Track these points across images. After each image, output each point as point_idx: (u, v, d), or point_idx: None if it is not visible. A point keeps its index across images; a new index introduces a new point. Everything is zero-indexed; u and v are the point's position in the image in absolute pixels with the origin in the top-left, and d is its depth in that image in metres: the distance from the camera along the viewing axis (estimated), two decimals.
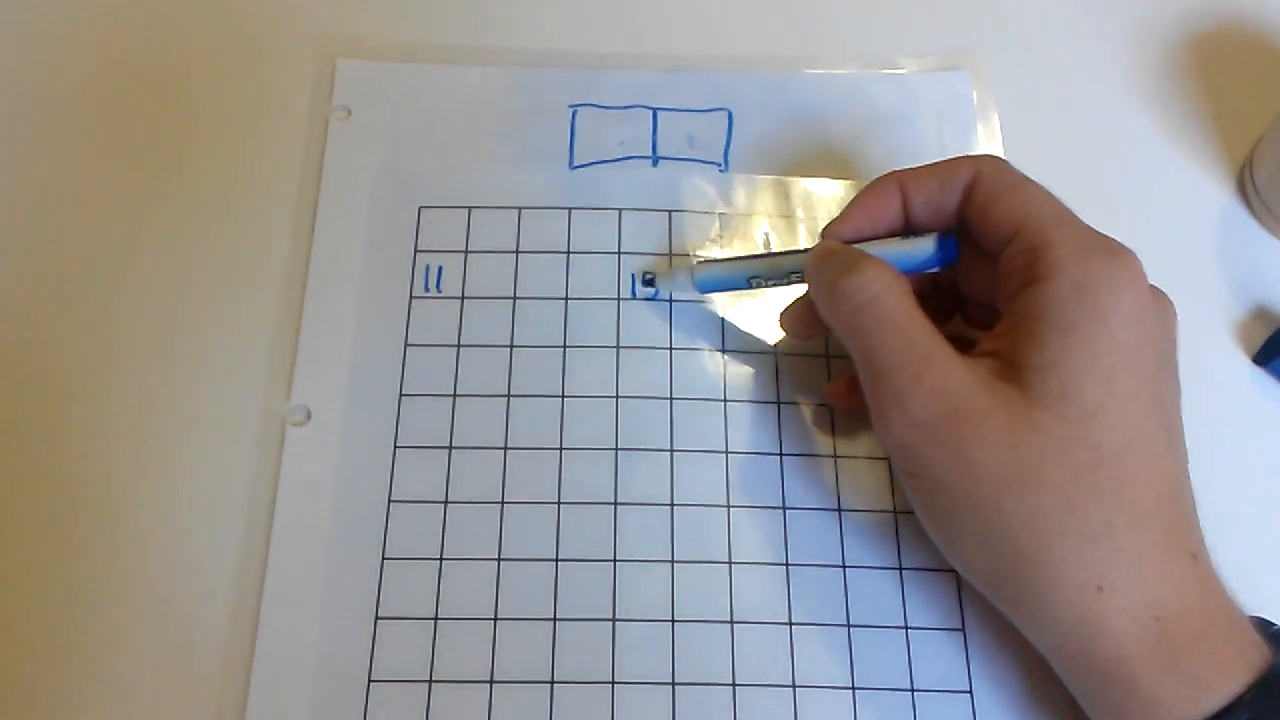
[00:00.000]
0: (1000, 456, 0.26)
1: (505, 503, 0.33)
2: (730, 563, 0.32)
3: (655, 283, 0.36)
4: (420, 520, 0.33)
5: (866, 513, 0.33)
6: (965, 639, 0.32)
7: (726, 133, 0.39)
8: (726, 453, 0.34)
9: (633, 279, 0.36)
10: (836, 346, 0.36)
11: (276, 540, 0.32)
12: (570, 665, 0.31)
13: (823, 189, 0.38)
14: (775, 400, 0.35)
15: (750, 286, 0.33)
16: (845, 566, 0.32)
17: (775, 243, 0.37)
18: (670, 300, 0.36)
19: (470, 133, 0.39)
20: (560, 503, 0.33)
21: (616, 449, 0.34)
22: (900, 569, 0.32)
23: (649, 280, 0.36)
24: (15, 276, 0.36)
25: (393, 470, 0.33)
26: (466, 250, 0.37)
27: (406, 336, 0.35)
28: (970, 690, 0.31)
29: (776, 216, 0.38)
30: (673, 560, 0.32)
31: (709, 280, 0.34)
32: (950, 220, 0.30)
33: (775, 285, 0.33)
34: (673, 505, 0.33)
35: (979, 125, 0.39)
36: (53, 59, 0.40)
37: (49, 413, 0.34)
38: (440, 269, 0.36)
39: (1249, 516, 0.33)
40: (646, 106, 0.39)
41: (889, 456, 0.33)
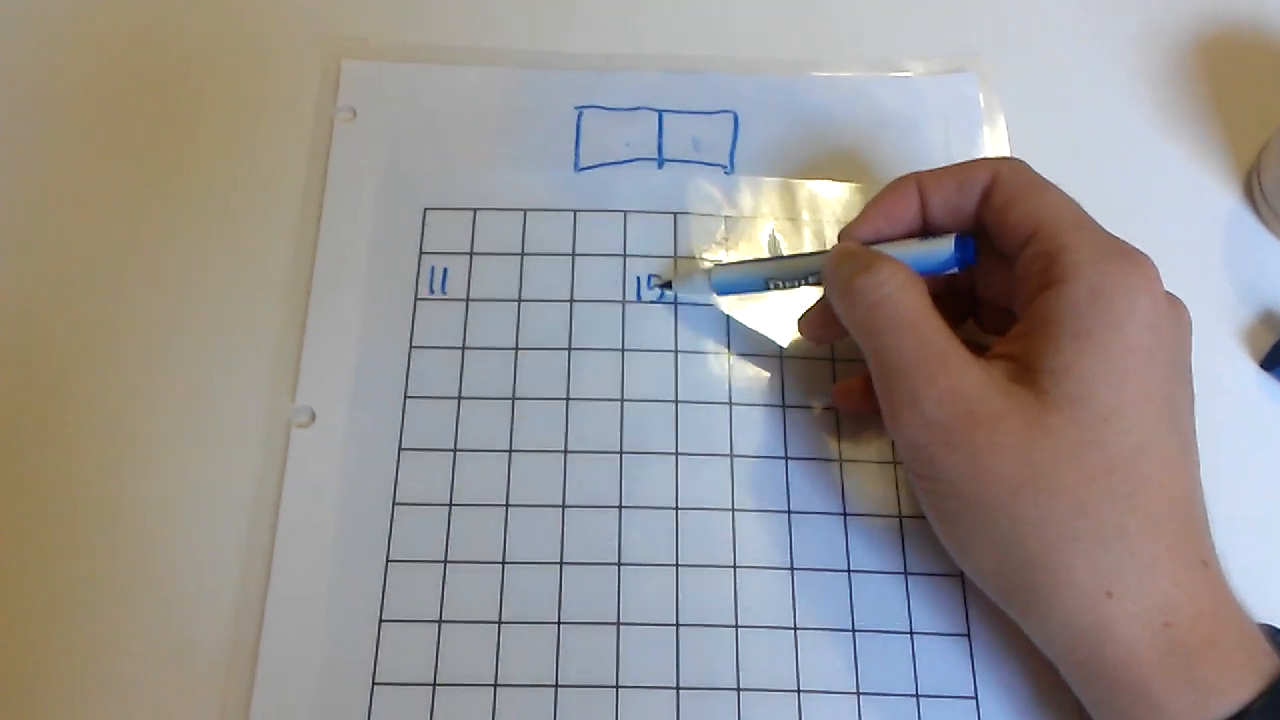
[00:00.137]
0: (1013, 460, 0.26)
1: (510, 505, 0.33)
2: (735, 567, 0.32)
3: (672, 285, 0.36)
4: (425, 523, 0.33)
5: (872, 517, 0.33)
6: (970, 644, 0.31)
7: (732, 135, 0.39)
8: (731, 456, 0.34)
9: (638, 281, 0.36)
10: (843, 350, 0.35)
11: (281, 542, 0.32)
12: (574, 669, 0.31)
13: (828, 191, 0.38)
14: (781, 404, 0.35)
15: (768, 289, 0.33)
16: (850, 571, 0.32)
17: (782, 245, 0.37)
18: (675, 303, 0.36)
19: (476, 134, 0.38)
20: (565, 506, 0.33)
21: (621, 452, 0.34)
22: (906, 574, 0.32)
23: (664, 284, 0.36)
24: (25, 277, 0.36)
25: (397, 472, 0.33)
26: (471, 252, 0.37)
27: (411, 338, 0.35)
28: (975, 696, 0.31)
29: (782, 219, 0.38)
30: (677, 564, 0.32)
31: (726, 283, 0.34)
32: (968, 222, 0.30)
33: (792, 287, 0.32)
34: (677, 509, 0.33)
35: (985, 128, 0.39)
36: (57, 59, 0.40)
37: (51, 413, 0.34)
38: (445, 271, 0.36)
39: (1256, 521, 0.33)
40: (652, 108, 0.39)
41: (900, 458, 0.33)
